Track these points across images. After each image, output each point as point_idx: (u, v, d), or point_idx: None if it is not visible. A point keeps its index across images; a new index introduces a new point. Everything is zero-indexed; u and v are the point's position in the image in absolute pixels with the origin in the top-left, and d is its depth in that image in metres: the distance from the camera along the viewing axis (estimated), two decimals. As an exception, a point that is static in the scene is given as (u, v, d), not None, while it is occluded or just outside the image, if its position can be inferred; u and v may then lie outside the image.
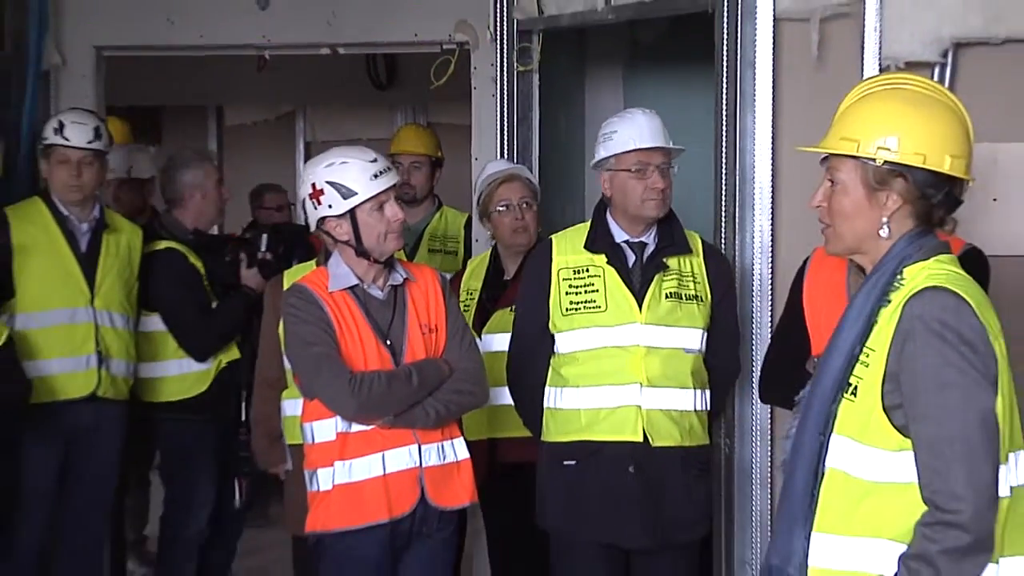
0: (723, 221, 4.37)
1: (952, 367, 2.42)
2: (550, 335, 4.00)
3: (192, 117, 10.21)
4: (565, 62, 5.84)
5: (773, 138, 4.24)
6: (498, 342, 4.43)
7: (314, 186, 3.71)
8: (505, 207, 4.69)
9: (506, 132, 5.39)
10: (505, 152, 5.36)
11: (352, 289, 3.75)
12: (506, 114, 5.38)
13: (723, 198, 4.37)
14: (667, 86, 6.09)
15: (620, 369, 3.89)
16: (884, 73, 3.86)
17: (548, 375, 4.02)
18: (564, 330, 3.97)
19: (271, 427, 4.55)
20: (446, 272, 4.31)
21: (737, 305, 4.18)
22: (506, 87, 5.37)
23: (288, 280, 4.31)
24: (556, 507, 3.98)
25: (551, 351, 4.01)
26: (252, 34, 5.76)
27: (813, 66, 4.23)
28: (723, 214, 4.37)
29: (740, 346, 4.18)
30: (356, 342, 3.69)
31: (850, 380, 2.52)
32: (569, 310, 3.95)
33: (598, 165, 4.03)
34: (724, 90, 4.33)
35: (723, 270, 4.09)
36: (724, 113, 4.34)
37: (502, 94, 5.38)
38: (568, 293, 3.96)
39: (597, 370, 3.91)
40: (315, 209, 3.73)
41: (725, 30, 4.32)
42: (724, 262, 4.16)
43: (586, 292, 3.94)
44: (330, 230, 3.73)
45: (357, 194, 3.68)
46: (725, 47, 4.33)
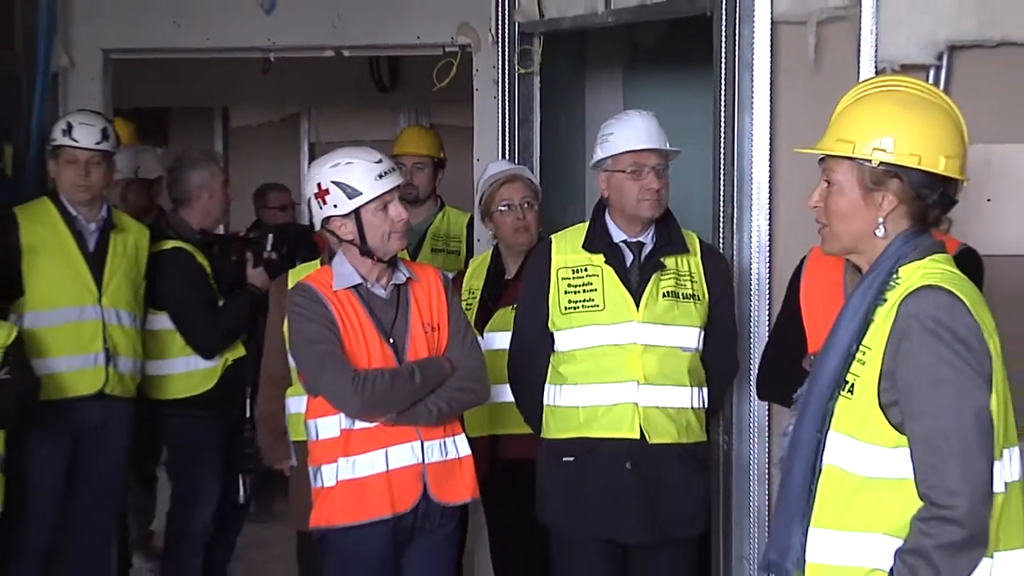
0: (721, 221, 4.37)
1: (947, 364, 2.42)
2: (550, 333, 4.00)
3: (198, 119, 10.18)
4: (566, 64, 5.83)
5: (771, 139, 4.24)
6: (499, 340, 4.43)
7: (319, 186, 3.71)
8: (507, 207, 4.70)
9: (507, 133, 5.39)
10: (506, 153, 5.37)
11: (356, 288, 3.75)
12: (507, 116, 5.39)
13: (721, 198, 4.37)
14: (666, 88, 6.06)
15: (617, 367, 3.89)
16: (880, 75, 3.83)
17: (548, 373, 4.03)
18: (563, 328, 3.97)
19: (276, 424, 4.56)
20: (448, 271, 4.32)
21: (735, 304, 4.17)
22: (507, 89, 5.38)
23: (293, 279, 4.32)
24: (556, 503, 3.98)
25: (551, 349, 4.01)
26: (257, 37, 5.77)
27: (810, 69, 4.23)
28: (721, 214, 4.38)
29: (738, 344, 4.17)
30: (360, 340, 3.70)
31: (847, 378, 2.52)
32: (568, 309, 3.96)
33: (596, 166, 4.03)
34: (722, 92, 4.33)
35: (720, 270, 4.09)
36: (722, 115, 4.35)
37: (503, 96, 5.39)
38: (567, 292, 3.96)
39: (595, 368, 3.92)
40: (320, 208, 3.73)
41: (723, 33, 4.32)
42: (722, 262, 4.15)
43: (584, 291, 3.95)
44: (335, 229, 3.73)
45: (362, 194, 3.68)
46: (723, 50, 4.33)
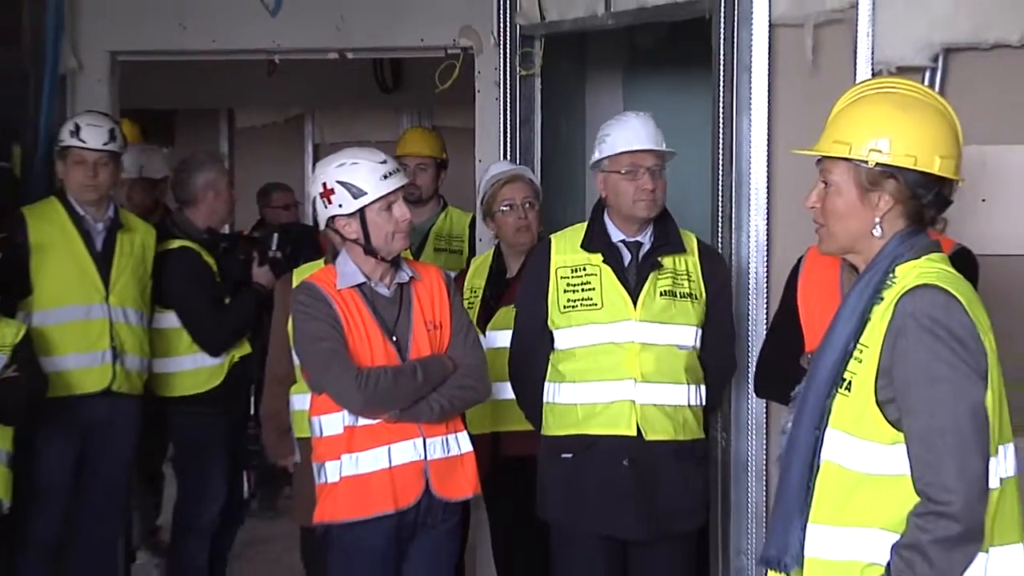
0: (720, 221, 4.38)
1: (942, 362, 2.44)
2: (549, 332, 4.03)
3: (204, 120, 10.19)
4: (566, 66, 5.84)
5: (768, 141, 4.25)
6: (501, 339, 4.44)
7: (325, 185, 3.73)
8: (508, 207, 4.72)
9: (509, 134, 5.41)
10: (508, 154, 5.39)
11: (359, 287, 3.77)
12: (509, 117, 5.40)
13: (720, 199, 4.38)
14: (665, 90, 6.06)
15: (615, 365, 3.91)
16: (876, 77, 3.80)
17: (547, 370, 4.05)
18: (562, 327, 4.00)
19: (280, 421, 4.57)
20: (451, 271, 4.36)
21: (733, 303, 4.18)
22: (509, 91, 5.40)
23: (297, 278, 4.33)
24: (555, 499, 4.01)
25: (551, 347, 4.04)
26: (263, 39, 5.78)
27: (807, 71, 4.24)
28: (720, 214, 4.39)
29: (736, 342, 4.18)
30: (363, 338, 3.72)
31: (844, 375, 2.53)
32: (567, 307, 3.98)
33: (594, 166, 4.06)
34: (721, 94, 4.34)
35: (718, 269, 4.11)
36: (721, 116, 4.35)
37: (505, 97, 5.41)
38: (566, 291, 3.99)
39: (593, 366, 3.94)
40: (325, 208, 3.75)
41: (722, 36, 4.32)
42: (719, 261, 4.17)
43: (583, 290, 3.97)
44: (339, 228, 3.75)
45: (367, 194, 3.70)
46: (722, 52, 4.33)
